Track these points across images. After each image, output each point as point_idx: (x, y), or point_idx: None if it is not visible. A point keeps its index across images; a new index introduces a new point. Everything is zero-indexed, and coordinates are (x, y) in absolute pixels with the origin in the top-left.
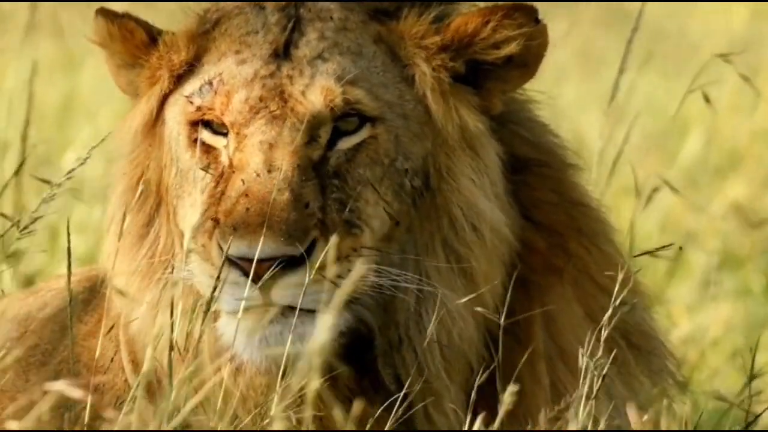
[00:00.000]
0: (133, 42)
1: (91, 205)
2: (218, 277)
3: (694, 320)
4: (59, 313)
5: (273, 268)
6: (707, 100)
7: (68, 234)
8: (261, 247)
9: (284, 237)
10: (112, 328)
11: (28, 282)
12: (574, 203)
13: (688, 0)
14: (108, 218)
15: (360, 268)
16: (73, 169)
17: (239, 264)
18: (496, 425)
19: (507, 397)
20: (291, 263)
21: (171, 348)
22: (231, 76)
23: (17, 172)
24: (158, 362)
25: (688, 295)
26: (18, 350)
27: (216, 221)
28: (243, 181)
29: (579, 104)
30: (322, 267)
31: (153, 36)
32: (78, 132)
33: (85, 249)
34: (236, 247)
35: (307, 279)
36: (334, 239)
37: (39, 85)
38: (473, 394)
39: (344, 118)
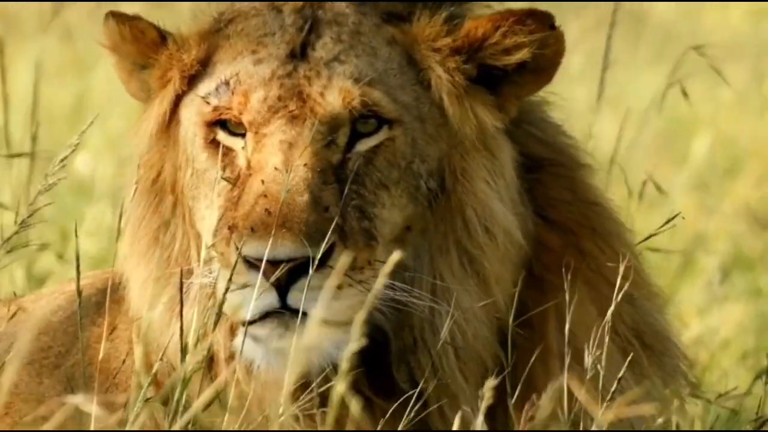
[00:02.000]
0: (145, 42)
1: (103, 207)
2: (230, 279)
3: (704, 321)
4: (72, 315)
5: (286, 267)
6: (685, 94)
7: (76, 236)
8: (278, 247)
9: (302, 238)
10: (114, 329)
11: (40, 284)
12: (587, 203)
13: (692, 0)
14: (123, 220)
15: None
16: (65, 157)
17: (257, 265)
18: (478, 423)
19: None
20: (308, 267)
21: (183, 351)
22: (248, 76)
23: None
24: (171, 363)
25: (698, 296)
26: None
27: (233, 227)
28: (262, 181)
29: (591, 107)
30: (338, 273)
31: (163, 36)
32: (89, 134)
33: (98, 251)
34: (253, 248)
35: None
36: (351, 246)
37: (49, 87)
38: (489, 396)
39: (362, 120)
